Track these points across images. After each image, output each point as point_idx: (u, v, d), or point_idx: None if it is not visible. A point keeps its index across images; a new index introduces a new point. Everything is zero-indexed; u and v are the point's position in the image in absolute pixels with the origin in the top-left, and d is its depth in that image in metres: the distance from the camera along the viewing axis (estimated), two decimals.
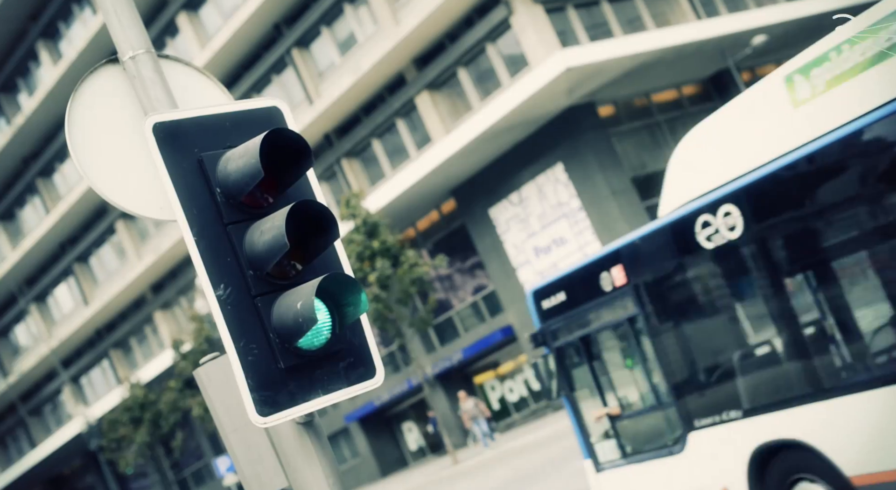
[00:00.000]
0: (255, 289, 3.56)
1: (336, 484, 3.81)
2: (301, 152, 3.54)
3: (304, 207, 3.49)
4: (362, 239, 24.58)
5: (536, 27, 25.03)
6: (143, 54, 3.68)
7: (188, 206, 3.48)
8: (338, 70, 29.84)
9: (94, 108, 3.75)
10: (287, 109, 3.81)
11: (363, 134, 30.00)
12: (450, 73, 27.56)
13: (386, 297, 24.68)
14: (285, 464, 3.84)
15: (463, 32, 26.88)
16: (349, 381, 3.73)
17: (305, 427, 3.81)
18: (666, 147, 27.95)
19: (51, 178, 41.90)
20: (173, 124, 3.47)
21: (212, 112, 3.59)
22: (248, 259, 3.55)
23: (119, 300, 39.64)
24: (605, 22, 26.66)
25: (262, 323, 3.55)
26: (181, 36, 33.81)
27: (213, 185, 3.53)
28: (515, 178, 27.73)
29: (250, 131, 3.62)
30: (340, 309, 3.65)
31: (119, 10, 3.69)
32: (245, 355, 3.50)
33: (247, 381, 3.49)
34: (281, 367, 3.55)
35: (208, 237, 3.51)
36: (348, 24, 29.55)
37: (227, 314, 3.50)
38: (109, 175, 3.79)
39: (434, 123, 27.83)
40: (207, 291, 3.50)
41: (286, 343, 3.55)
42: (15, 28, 39.33)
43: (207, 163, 3.53)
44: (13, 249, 43.96)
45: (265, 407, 3.51)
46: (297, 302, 3.50)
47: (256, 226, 3.56)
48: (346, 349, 3.73)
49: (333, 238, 3.59)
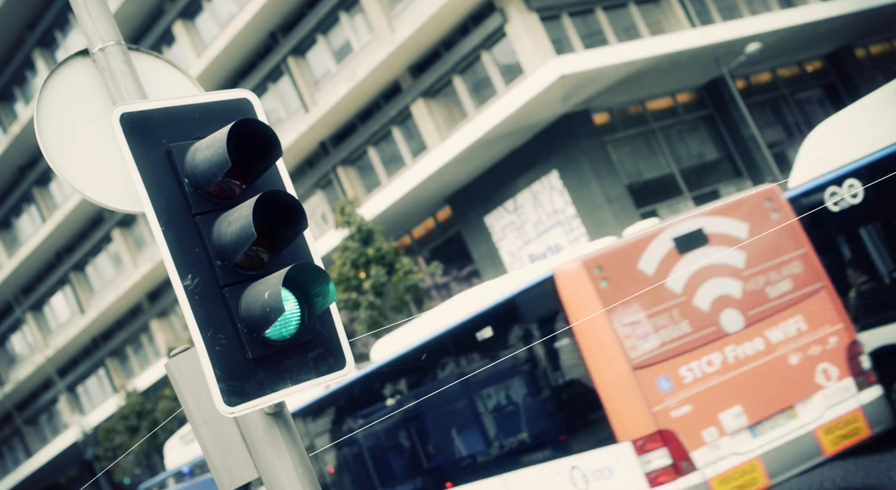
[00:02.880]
0: (223, 279, 3.56)
1: (305, 474, 3.81)
2: (269, 143, 3.55)
3: (271, 197, 3.49)
4: (357, 246, 24.58)
5: (531, 35, 25.09)
6: (113, 46, 3.70)
7: (156, 196, 3.49)
8: (333, 78, 29.91)
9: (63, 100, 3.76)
10: (257, 101, 3.81)
11: (359, 142, 30.04)
12: (445, 81, 27.61)
13: (381, 305, 24.67)
14: (255, 455, 3.84)
15: (458, 40, 26.95)
16: (318, 372, 3.73)
17: (275, 418, 3.81)
18: (661, 154, 28.01)
19: (47, 187, 41.93)
20: (141, 115, 3.48)
21: (180, 103, 3.60)
22: (216, 249, 3.56)
23: (115, 309, 39.61)
24: (600, 30, 26.73)
25: (229, 313, 3.55)
26: (177, 44, 33.88)
27: (181, 176, 3.53)
28: (511, 186, 27.77)
29: (220, 122, 3.62)
30: (309, 299, 3.66)
31: (89, 1, 3.71)
32: (212, 345, 3.51)
33: (214, 372, 3.49)
34: (249, 358, 3.55)
35: (176, 227, 3.52)
36: (344, 32, 29.62)
37: (195, 304, 3.50)
38: (80, 167, 3.80)
39: (429, 131, 27.87)
40: (175, 281, 3.51)
41: (254, 333, 3.56)
42: (11, 37, 39.42)
43: (176, 153, 3.54)
44: (9, 258, 43.96)
45: (233, 397, 3.51)
46: (265, 292, 3.50)
47: (224, 216, 3.57)
48: (316, 339, 3.73)
49: (302, 228, 3.60)
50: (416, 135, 28.73)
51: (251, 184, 3.68)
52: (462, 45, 26.67)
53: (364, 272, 24.57)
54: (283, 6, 30.16)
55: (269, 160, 3.59)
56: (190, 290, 3.51)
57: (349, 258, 24.62)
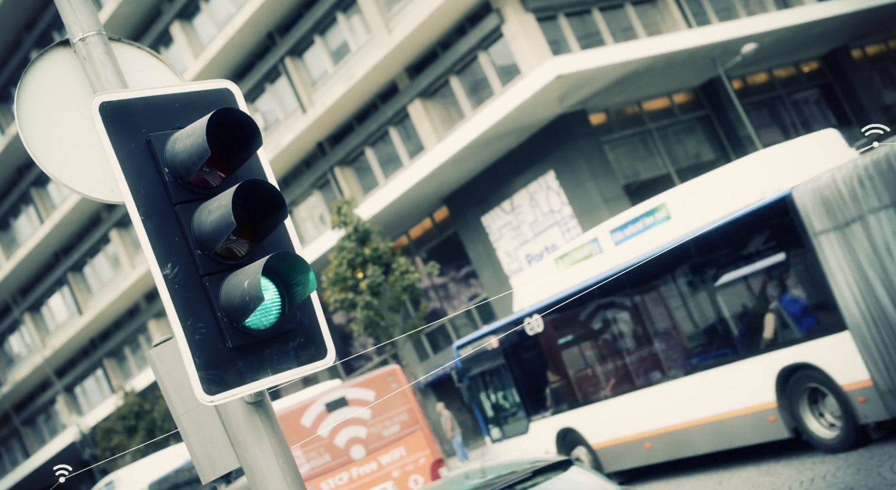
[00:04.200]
0: (203, 268, 3.56)
1: (286, 464, 3.81)
2: (250, 132, 3.56)
3: (251, 187, 3.49)
4: (354, 246, 24.59)
5: (528, 36, 25.12)
6: (94, 36, 3.70)
7: (135, 185, 3.49)
8: (331, 79, 29.93)
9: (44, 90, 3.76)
10: (238, 91, 3.82)
11: (356, 142, 30.06)
12: (442, 82, 27.63)
13: (378, 305, 24.68)
14: (236, 444, 3.85)
15: (455, 41, 26.97)
16: (299, 361, 3.73)
17: (255, 407, 3.81)
18: (657, 155, 28.03)
19: (45, 188, 41.94)
20: (121, 104, 3.48)
21: (161, 93, 3.60)
22: (197, 239, 3.56)
23: (113, 309, 39.62)
24: (596, 31, 26.76)
25: (209, 302, 3.55)
26: (175, 45, 33.91)
27: (161, 166, 3.53)
28: (507, 186, 27.79)
29: (200, 112, 3.61)
30: (290, 288, 3.66)
31: None
32: (192, 334, 3.51)
33: (194, 360, 3.49)
34: (229, 346, 3.55)
35: (155, 216, 3.51)
36: (341, 33, 29.65)
37: (174, 293, 3.50)
38: (60, 157, 3.80)
39: (426, 132, 27.89)
40: (154, 270, 3.51)
41: (234, 322, 3.55)
42: (9, 38, 39.46)
43: (156, 143, 3.54)
44: (7, 259, 43.96)
45: (212, 385, 3.51)
46: (245, 281, 3.50)
47: (205, 206, 3.57)
48: (297, 329, 3.73)
49: (282, 218, 3.60)
50: (413, 135, 28.75)
51: (232, 174, 3.68)
52: (459, 46, 26.70)
53: (361, 272, 24.58)
54: (281, 7, 30.20)
55: (249, 150, 3.60)
56: (169, 279, 3.51)
57: (346, 258, 24.63)
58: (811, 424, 10.66)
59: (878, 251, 9.62)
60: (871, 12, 29.76)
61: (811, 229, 10.03)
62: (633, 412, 13.11)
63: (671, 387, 12.38)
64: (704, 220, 11.44)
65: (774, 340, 10.86)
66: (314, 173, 31.44)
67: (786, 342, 10.75)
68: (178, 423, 4.04)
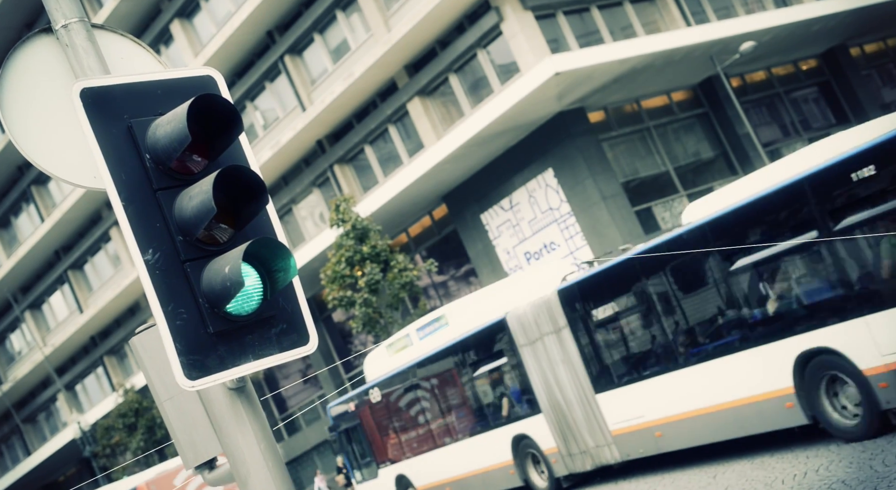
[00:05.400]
0: (184, 254, 3.56)
1: (268, 449, 3.83)
2: (231, 119, 3.57)
3: (232, 173, 3.50)
4: (352, 244, 24.60)
5: (526, 34, 25.12)
6: (76, 23, 3.72)
7: (116, 171, 3.50)
8: (330, 77, 29.95)
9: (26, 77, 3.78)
10: (221, 79, 3.82)
11: (355, 140, 30.07)
12: (441, 80, 27.65)
13: (376, 303, 24.69)
14: (218, 430, 3.86)
15: (454, 39, 26.99)
16: (281, 347, 3.74)
17: (237, 393, 3.83)
18: (656, 152, 28.03)
19: (45, 186, 41.98)
20: (102, 90, 3.49)
21: (143, 79, 3.60)
22: (178, 225, 3.56)
23: (113, 307, 39.65)
24: (595, 29, 26.76)
25: (191, 288, 3.56)
26: (175, 43, 33.94)
27: (142, 152, 3.54)
28: (506, 184, 27.80)
29: (182, 99, 3.60)
30: (271, 275, 3.66)
31: None
32: (173, 319, 3.51)
33: (175, 345, 3.50)
34: (210, 332, 3.55)
35: (137, 202, 3.52)
36: (341, 31, 29.66)
37: (156, 279, 3.50)
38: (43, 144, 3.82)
39: (426, 129, 27.90)
40: (135, 256, 3.52)
41: (215, 308, 3.56)
42: (10, 37, 39.46)
43: (137, 129, 3.54)
44: (8, 257, 44.00)
45: (193, 370, 3.51)
46: (225, 266, 3.51)
47: (186, 192, 3.58)
48: (279, 315, 3.74)
49: (263, 204, 3.61)
50: (412, 133, 28.77)
51: (214, 160, 3.69)
52: (458, 44, 26.71)
53: (360, 269, 24.59)
54: (280, 5, 30.23)
55: (230, 136, 3.60)
56: (151, 264, 3.52)
57: (344, 256, 24.64)
58: None
59: (552, 361, 13.78)
60: (869, 10, 29.74)
61: (518, 342, 14.32)
62: (445, 461, 17.25)
63: (474, 441, 16.35)
64: (465, 329, 15.88)
65: (509, 416, 15.31)
66: (314, 171, 31.46)
67: (517, 418, 15.09)
68: (162, 409, 4.06)
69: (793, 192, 9.97)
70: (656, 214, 27.11)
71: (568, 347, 13.36)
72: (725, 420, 11.39)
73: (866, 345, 9.70)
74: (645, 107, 28.24)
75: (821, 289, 10.40)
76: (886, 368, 9.61)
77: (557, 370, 13.59)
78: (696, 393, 11.70)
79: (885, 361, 9.61)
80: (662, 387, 12.10)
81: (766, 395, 10.78)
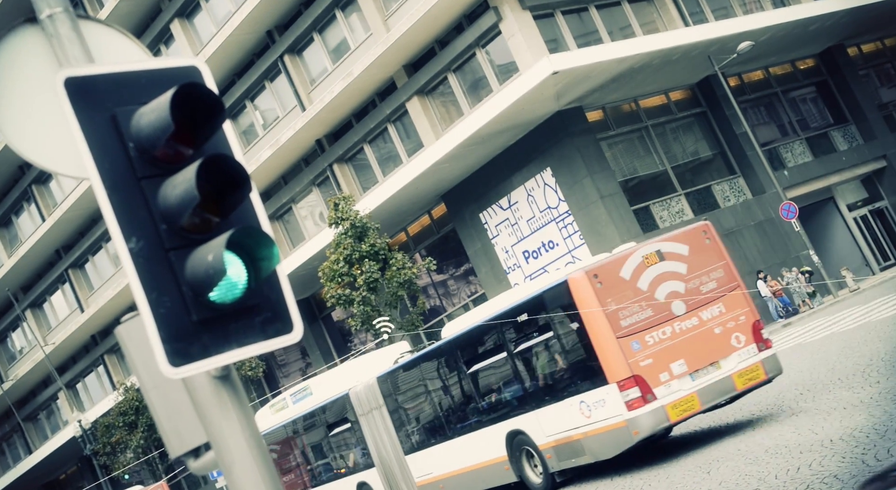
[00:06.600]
0: (168, 242, 3.58)
1: (252, 437, 3.85)
2: (214, 107, 3.59)
3: (215, 161, 3.53)
4: (351, 242, 24.63)
5: (525, 33, 25.16)
6: (61, 13, 3.74)
7: (100, 160, 3.52)
8: (329, 76, 29.98)
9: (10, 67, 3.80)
10: (206, 69, 3.85)
11: (355, 139, 30.11)
12: (440, 79, 27.68)
13: (374, 300, 24.71)
14: (202, 419, 3.88)
15: (453, 39, 27.02)
16: (265, 336, 3.76)
17: (222, 381, 3.85)
18: (654, 152, 28.05)
19: (46, 185, 42.04)
20: (86, 79, 3.51)
21: (127, 69, 3.63)
22: (162, 213, 3.59)
23: (114, 305, 39.69)
24: (594, 29, 26.79)
25: (174, 276, 3.58)
26: (175, 43, 33.99)
27: (126, 140, 3.57)
28: (505, 183, 27.83)
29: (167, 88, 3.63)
30: (255, 263, 3.69)
31: None
32: (157, 307, 3.54)
33: (158, 333, 3.52)
34: (194, 320, 3.57)
35: (120, 191, 3.54)
36: (340, 30, 29.70)
37: (139, 267, 3.52)
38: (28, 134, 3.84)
39: (425, 129, 27.93)
40: (119, 244, 3.54)
41: (199, 296, 3.58)
42: None
43: (121, 118, 3.56)
44: (9, 256, 44.05)
45: (177, 358, 3.53)
46: (209, 254, 3.53)
47: (170, 180, 3.60)
48: (263, 304, 3.75)
49: (246, 192, 3.63)
50: (411, 132, 28.80)
51: (198, 149, 3.71)
52: (457, 44, 26.75)
53: (358, 268, 24.62)
54: (280, 5, 30.27)
55: (214, 125, 3.63)
56: (134, 252, 3.53)
57: (343, 254, 24.67)
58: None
59: (378, 429, 17.67)
60: (866, 10, 29.77)
61: (357, 412, 18.11)
62: None
63: (328, 487, 20.23)
64: (323, 397, 19.55)
65: (354, 467, 19.09)
66: (313, 170, 31.49)
67: (359, 469, 18.83)
68: (147, 398, 4.08)
69: (489, 326, 14.65)
70: (654, 213, 27.14)
71: (386, 420, 17.61)
72: (476, 477, 15.91)
73: (538, 429, 14.21)
74: (643, 106, 28.26)
75: (514, 389, 14.73)
76: (548, 445, 14.12)
77: (382, 436, 17.78)
78: (459, 457, 16.19)
79: (547, 440, 14.10)
80: (441, 452, 16.66)
81: (494, 460, 15.38)
